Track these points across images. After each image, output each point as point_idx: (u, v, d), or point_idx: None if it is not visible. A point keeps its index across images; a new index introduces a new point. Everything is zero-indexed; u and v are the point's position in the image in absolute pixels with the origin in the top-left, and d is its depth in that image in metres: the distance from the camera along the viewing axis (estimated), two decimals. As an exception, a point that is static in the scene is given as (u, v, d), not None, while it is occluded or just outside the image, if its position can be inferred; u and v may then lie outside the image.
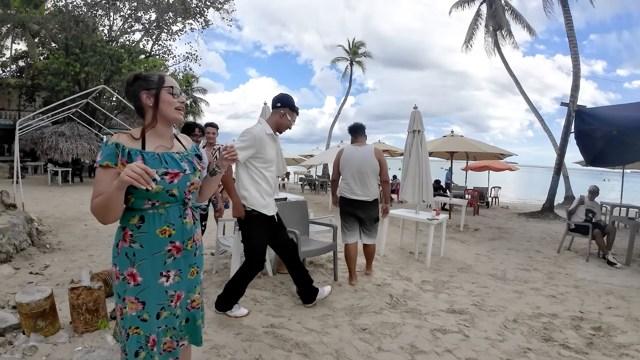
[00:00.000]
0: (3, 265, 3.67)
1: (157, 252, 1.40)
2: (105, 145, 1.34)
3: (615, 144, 5.68)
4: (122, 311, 1.41)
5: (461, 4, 18.52)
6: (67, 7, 15.31)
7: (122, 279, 1.39)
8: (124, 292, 1.39)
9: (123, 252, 1.39)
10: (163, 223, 1.40)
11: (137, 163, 1.22)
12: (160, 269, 1.42)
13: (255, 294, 3.34)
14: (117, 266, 1.40)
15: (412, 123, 4.83)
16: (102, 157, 1.33)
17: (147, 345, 1.42)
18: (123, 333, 1.44)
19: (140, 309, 1.40)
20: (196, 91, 32.20)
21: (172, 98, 1.44)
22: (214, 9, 17.56)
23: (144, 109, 1.44)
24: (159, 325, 1.45)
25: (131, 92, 1.45)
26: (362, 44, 30.82)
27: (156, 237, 1.39)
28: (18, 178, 6.06)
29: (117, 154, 1.32)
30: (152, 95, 1.41)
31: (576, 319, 3.20)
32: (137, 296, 1.39)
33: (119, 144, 1.33)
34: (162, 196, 1.39)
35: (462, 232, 7.45)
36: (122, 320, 1.43)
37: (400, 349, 2.55)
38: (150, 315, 1.42)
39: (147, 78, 1.43)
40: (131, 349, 1.40)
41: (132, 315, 1.40)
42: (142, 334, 1.41)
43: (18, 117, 15.69)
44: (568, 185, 14.86)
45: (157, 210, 1.40)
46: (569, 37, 11.87)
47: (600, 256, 5.47)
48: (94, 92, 8.49)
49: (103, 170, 1.33)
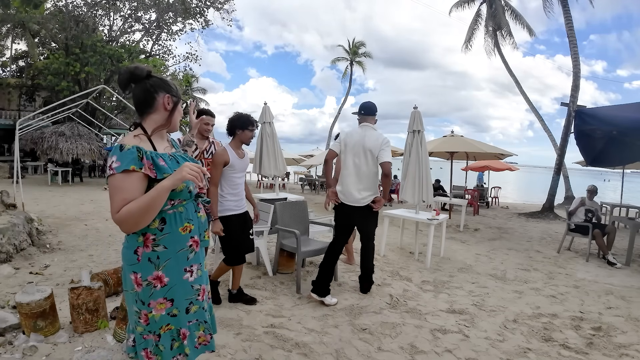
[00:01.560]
0: (3, 265, 3.67)
1: (181, 250, 1.42)
2: (123, 151, 1.29)
3: (615, 144, 5.69)
4: (147, 317, 1.38)
5: (461, 4, 18.54)
6: (67, 7, 15.31)
7: (147, 284, 1.36)
8: (150, 297, 1.37)
9: (145, 258, 1.36)
10: (184, 220, 1.42)
11: (189, 163, 1.32)
12: (184, 265, 1.43)
13: (255, 294, 3.34)
14: (137, 273, 1.36)
15: (412, 123, 4.83)
16: (126, 162, 1.28)
17: (179, 337, 1.45)
18: (150, 337, 1.40)
19: (169, 306, 1.41)
20: (196, 91, 32.22)
21: (181, 110, 1.53)
22: (214, 9, 17.56)
23: (156, 108, 1.43)
24: (189, 320, 1.47)
25: (147, 86, 1.40)
26: (362, 44, 30.84)
27: (179, 235, 1.41)
28: (18, 178, 6.06)
29: (140, 157, 1.30)
30: (173, 102, 1.45)
31: (576, 319, 3.20)
32: (165, 295, 1.39)
33: (140, 148, 1.32)
34: (184, 194, 1.42)
35: (462, 232, 7.45)
36: (147, 325, 1.39)
37: (400, 349, 2.55)
38: (180, 311, 1.43)
39: (167, 83, 1.45)
40: (166, 345, 1.42)
41: (162, 315, 1.40)
42: (174, 329, 1.44)
43: (18, 117, 15.69)
44: (568, 186, 14.87)
45: (177, 209, 1.41)
46: (569, 37, 11.87)
47: (600, 256, 5.47)
48: (94, 92, 8.49)
49: (126, 175, 1.28)
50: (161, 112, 1.44)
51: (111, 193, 1.29)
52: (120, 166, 1.27)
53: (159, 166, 1.35)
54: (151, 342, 1.41)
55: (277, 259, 4.00)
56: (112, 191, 1.29)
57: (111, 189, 1.29)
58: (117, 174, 1.27)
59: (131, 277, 1.37)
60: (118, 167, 1.27)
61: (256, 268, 4.14)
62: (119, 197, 1.27)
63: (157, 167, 1.34)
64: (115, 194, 1.28)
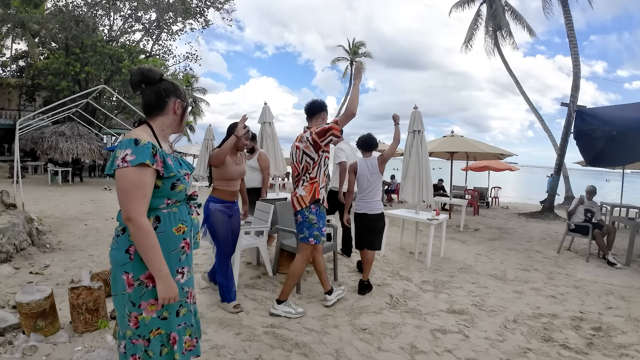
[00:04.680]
0: (3, 265, 3.66)
1: (173, 250, 1.41)
2: (138, 145, 1.28)
3: (615, 144, 5.68)
4: (137, 320, 1.37)
5: (461, 4, 18.52)
6: (67, 7, 15.30)
7: (139, 284, 1.36)
8: (141, 298, 1.36)
9: (138, 257, 1.34)
10: (178, 221, 1.43)
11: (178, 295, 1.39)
12: (176, 266, 1.43)
13: (255, 294, 3.34)
14: (129, 273, 1.35)
15: (412, 123, 4.84)
16: (142, 156, 1.26)
17: (169, 342, 1.44)
18: (140, 342, 1.39)
19: (160, 307, 1.40)
20: (196, 91, 32.22)
21: (188, 114, 1.58)
22: (214, 8, 17.56)
23: (166, 111, 1.45)
24: (179, 323, 1.47)
25: (160, 89, 1.42)
26: (362, 44, 30.85)
27: (172, 236, 1.41)
28: (18, 178, 6.05)
29: (153, 154, 1.31)
30: (182, 107, 1.48)
31: (576, 319, 3.20)
32: (156, 296, 1.38)
33: (154, 145, 1.33)
34: (181, 195, 1.45)
35: (462, 232, 7.45)
36: (136, 329, 1.38)
37: (400, 349, 2.55)
38: (170, 313, 1.43)
39: (178, 88, 1.48)
40: (155, 350, 1.41)
41: (153, 317, 1.39)
42: (164, 333, 1.43)
43: (18, 116, 15.69)
44: (568, 186, 14.86)
45: (171, 209, 1.42)
46: (569, 37, 11.86)
47: (600, 256, 5.47)
48: (94, 92, 8.49)
49: (142, 170, 1.27)
50: (170, 116, 1.46)
51: (127, 188, 1.26)
52: (135, 159, 1.26)
53: (167, 164, 1.36)
54: (140, 347, 1.40)
55: (277, 259, 4.00)
56: (128, 186, 1.25)
57: (126, 183, 1.26)
58: (131, 167, 1.25)
59: (122, 277, 1.35)
60: (133, 160, 1.25)
61: (256, 268, 4.14)
62: (139, 193, 1.26)
63: (166, 166, 1.35)
64: (135, 190, 1.26)
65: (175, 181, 1.39)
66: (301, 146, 2.84)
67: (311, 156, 2.81)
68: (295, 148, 2.93)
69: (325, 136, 2.70)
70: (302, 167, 2.88)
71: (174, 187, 1.39)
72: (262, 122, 5.94)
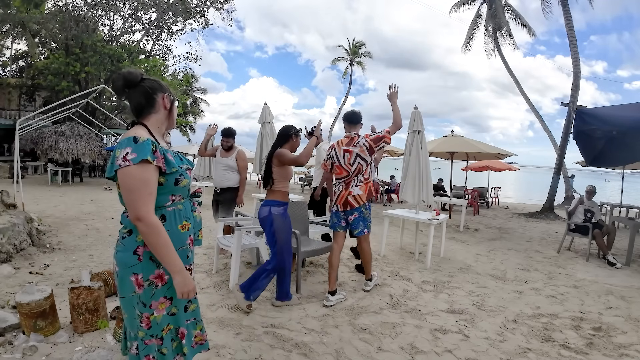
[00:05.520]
0: (3, 265, 3.66)
1: (181, 247, 1.42)
2: (138, 143, 1.27)
3: (615, 144, 5.69)
4: (149, 320, 1.37)
5: (461, 4, 18.52)
6: (67, 7, 15.29)
7: (149, 284, 1.35)
8: (151, 298, 1.36)
9: (146, 257, 1.34)
10: (183, 218, 1.44)
11: (193, 290, 1.39)
12: (185, 263, 1.43)
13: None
14: (139, 274, 1.34)
15: (412, 123, 4.83)
16: (143, 153, 1.26)
17: (177, 337, 1.47)
18: (153, 342, 1.39)
19: (169, 304, 1.42)
20: (196, 91, 32.22)
21: (176, 107, 1.58)
22: (214, 8, 17.55)
23: (157, 108, 1.45)
24: (187, 318, 1.50)
25: (146, 88, 1.42)
26: (362, 44, 30.85)
27: (178, 233, 1.42)
28: (18, 178, 6.05)
29: (153, 150, 1.30)
30: (170, 101, 1.48)
31: (576, 319, 3.20)
32: (165, 294, 1.40)
33: (154, 142, 1.33)
34: (185, 190, 1.46)
35: (462, 232, 7.45)
36: (149, 329, 1.38)
37: (400, 349, 2.55)
38: (179, 309, 1.46)
39: (161, 83, 1.48)
40: (168, 347, 1.43)
41: (164, 315, 1.40)
42: (173, 328, 1.46)
43: (18, 116, 15.69)
44: (568, 186, 14.86)
45: (176, 206, 1.43)
46: (569, 37, 11.86)
47: (600, 256, 5.47)
48: (94, 92, 8.49)
49: (144, 167, 1.26)
50: (161, 112, 1.46)
51: (132, 187, 1.25)
52: (137, 157, 1.25)
53: (168, 160, 1.36)
54: (154, 347, 1.41)
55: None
56: (133, 184, 1.25)
57: (131, 181, 1.25)
58: (134, 165, 1.24)
59: (131, 279, 1.34)
60: (135, 158, 1.25)
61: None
62: (145, 191, 1.26)
63: (167, 161, 1.36)
64: (140, 188, 1.25)
65: (178, 176, 1.40)
66: (355, 150, 3.24)
67: (365, 159, 3.24)
68: (344, 152, 3.29)
69: (379, 142, 3.23)
70: (355, 168, 3.27)
71: (177, 182, 1.40)
72: (262, 122, 5.93)
